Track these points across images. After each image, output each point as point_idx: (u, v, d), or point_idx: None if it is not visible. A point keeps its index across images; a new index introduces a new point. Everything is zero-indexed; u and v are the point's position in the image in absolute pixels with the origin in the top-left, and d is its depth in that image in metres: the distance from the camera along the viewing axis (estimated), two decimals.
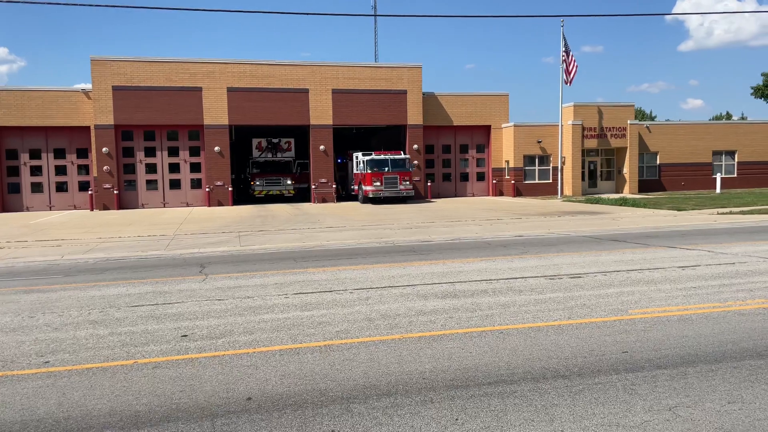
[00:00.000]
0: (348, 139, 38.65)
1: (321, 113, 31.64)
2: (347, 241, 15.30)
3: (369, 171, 29.87)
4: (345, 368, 5.43)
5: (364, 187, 30.38)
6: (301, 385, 5.03)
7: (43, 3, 16.93)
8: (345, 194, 34.57)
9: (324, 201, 31.87)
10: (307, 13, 36.91)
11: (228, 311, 7.74)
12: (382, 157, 30.28)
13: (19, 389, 5.01)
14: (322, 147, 31.84)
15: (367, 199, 30.21)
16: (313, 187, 32.06)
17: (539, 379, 5.07)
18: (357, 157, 31.58)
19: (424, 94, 33.40)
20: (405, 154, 31.69)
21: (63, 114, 29.59)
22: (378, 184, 29.68)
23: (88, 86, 29.99)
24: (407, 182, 30.18)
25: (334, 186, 32.41)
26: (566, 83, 31.37)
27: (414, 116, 32.93)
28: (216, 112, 30.41)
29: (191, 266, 11.86)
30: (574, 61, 31.01)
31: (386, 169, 29.91)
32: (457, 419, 4.30)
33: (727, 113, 77.06)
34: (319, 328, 6.83)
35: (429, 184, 33.66)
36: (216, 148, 30.44)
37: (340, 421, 4.32)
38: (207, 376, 5.29)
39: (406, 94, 32.74)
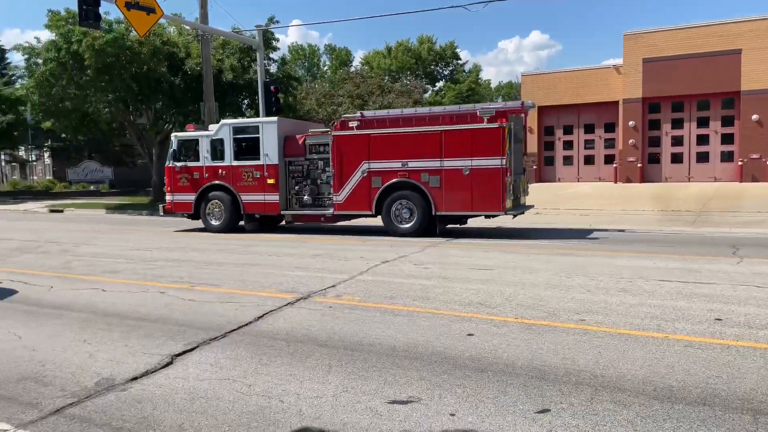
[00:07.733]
0: None
1: None
2: None
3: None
4: None
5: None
6: None
7: None
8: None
9: None
10: None
11: None
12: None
13: (560, 339, 5.64)
14: None
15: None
16: None
17: None
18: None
19: None
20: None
21: (592, 91, 31.38)
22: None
23: (618, 61, 30.82)
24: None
25: None
26: None
27: None
28: (758, 75, 26.87)
29: (721, 246, 10.99)
30: None
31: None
32: None
33: None
34: None
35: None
36: (754, 117, 27.02)
37: None
38: (746, 367, 4.83)
39: None
